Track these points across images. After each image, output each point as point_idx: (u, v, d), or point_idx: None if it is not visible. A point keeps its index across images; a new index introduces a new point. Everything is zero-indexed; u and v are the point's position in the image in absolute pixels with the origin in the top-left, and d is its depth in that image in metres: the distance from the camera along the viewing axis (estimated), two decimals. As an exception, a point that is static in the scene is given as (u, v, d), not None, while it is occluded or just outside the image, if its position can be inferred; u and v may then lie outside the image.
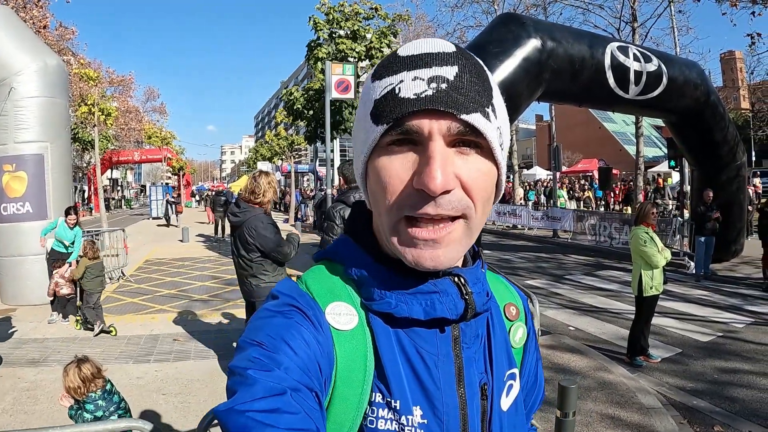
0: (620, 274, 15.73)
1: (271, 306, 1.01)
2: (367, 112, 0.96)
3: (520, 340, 1.23)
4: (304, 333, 0.94)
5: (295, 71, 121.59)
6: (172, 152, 57.40)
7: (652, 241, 7.88)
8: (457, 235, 0.95)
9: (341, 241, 1.14)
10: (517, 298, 1.29)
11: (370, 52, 24.06)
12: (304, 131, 29.02)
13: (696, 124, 16.02)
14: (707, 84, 16.06)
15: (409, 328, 1.02)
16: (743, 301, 12.37)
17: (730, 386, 7.34)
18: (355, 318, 1.01)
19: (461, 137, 0.91)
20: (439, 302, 1.00)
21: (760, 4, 16.39)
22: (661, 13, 25.57)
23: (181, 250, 21.27)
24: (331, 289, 1.05)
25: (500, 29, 12.39)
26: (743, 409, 6.59)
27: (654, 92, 14.00)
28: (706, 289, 13.62)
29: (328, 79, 16.32)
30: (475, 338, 1.09)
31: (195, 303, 11.67)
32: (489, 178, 0.97)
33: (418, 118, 0.90)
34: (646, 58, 13.86)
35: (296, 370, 0.89)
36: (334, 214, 5.97)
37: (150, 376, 7.27)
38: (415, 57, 0.93)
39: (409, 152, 0.92)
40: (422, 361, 1.01)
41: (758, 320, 10.66)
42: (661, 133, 65.94)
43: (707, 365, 8.14)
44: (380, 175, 0.95)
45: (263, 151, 61.21)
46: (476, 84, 0.93)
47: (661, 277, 8.01)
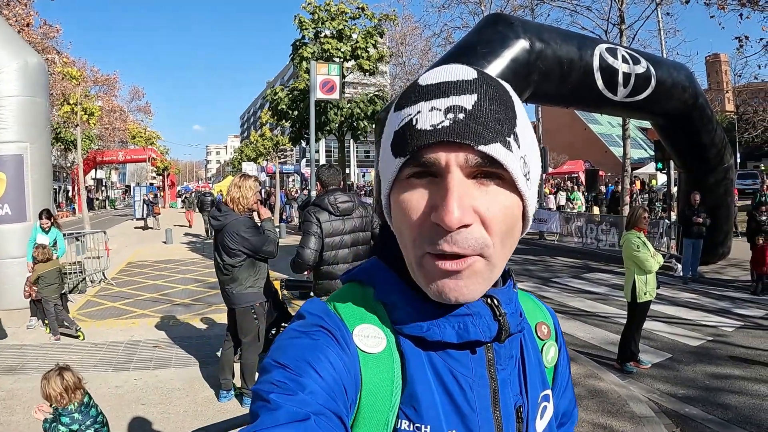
0: (608, 276, 15.74)
1: (298, 326, 0.99)
2: (388, 144, 0.95)
3: (552, 359, 1.21)
4: (330, 355, 0.92)
5: (281, 71, 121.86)
6: (156, 152, 57.35)
7: (645, 245, 7.83)
8: (478, 268, 0.90)
9: (373, 264, 1.11)
10: (548, 316, 1.27)
11: (355, 52, 24.01)
12: (289, 132, 28.97)
13: (684, 126, 16.00)
14: (695, 86, 16.04)
15: (443, 351, 1.00)
16: (732, 304, 12.37)
17: (722, 392, 7.28)
18: (383, 341, 0.99)
19: (481, 169, 0.88)
20: (472, 324, 0.98)
21: (748, 6, 16.42)
22: (649, 15, 25.62)
23: (164, 252, 21.13)
24: (359, 311, 1.03)
25: (488, 30, 12.29)
26: (736, 416, 6.53)
27: (642, 94, 13.95)
28: (694, 292, 13.62)
29: (313, 79, 16.24)
30: (509, 359, 1.07)
31: (177, 307, 11.54)
32: (510, 212, 0.92)
33: (434, 150, 0.87)
34: (634, 60, 13.82)
35: (321, 394, 0.86)
36: (310, 216, 5.91)
37: (129, 385, 7.10)
38: (433, 86, 0.90)
39: (428, 185, 0.90)
40: (457, 384, 0.98)
41: (747, 323, 10.64)
42: (647, 136, 66.51)
43: (698, 370, 8.08)
44: (401, 209, 0.93)
45: (248, 151, 61.06)
46: (497, 112, 0.89)
47: (654, 282, 7.98)
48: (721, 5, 17.02)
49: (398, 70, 42.37)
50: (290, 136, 27.01)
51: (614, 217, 22.90)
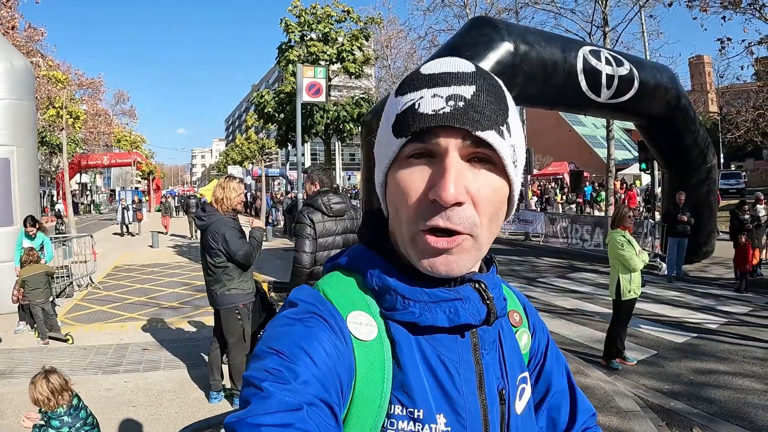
0: (593, 276, 15.84)
1: (290, 314, 1.00)
2: (389, 125, 1.00)
3: (526, 345, 1.25)
4: (324, 342, 0.93)
5: (267, 74, 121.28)
6: (141, 156, 56.97)
7: (630, 244, 7.89)
8: (467, 245, 0.97)
9: (359, 251, 1.13)
10: (519, 305, 1.31)
11: (341, 55, 24.00)
12: (274, 135, 28.92)
13: (667, 127, 16.18)
14: (678, 88, 16.22)
15: (431, 336, 1.03)
16: (716, 301, 12.51)
17: (707, 387, 7.38)
18: (374, 328, 1.01)
19: (475, 152, 0.95)
20: (462, 309, 1.02)
21: (730, 9, 16.60)
22: (632, 17, 25.84)
23: (151, 256, 21.03)
24: (350, 298, 1.05)
25: (473, 33, 12.38)
26: (721, 410, 6.62)
27: (626, 96, 14.08)
28: (678, 290, 13.75)
29: (300, 82, 16.23)
30: (492, 344, 1.10)
31: (165, 310, 11.50)
32: (498, 194, 0.99)
33: (435, 133, 0.93)
34: (617, 62, 13.94)
35: (314, 383, 0.87)
36: (303, 217, 5.97)
37: (119, 388, 7.09)
38: (436, 75, 0.97)
39: (426, 165, 0.96)
40: (445, 369, 1.01)
41: (731, 320, 10.77)
42: (631, 137, 66.83)
43: (683, 366, 8.17)
44: (400, 186, 0.98)
45: (234, 155, 60.85)
46: (492, 103, 0.96)
47: (639, 280, 8.04)
48: (703, 8, 17.21)
49: (383, 72, 42.35)
50: (276, 139, 26.94)
51: (599, 217, 23.03)
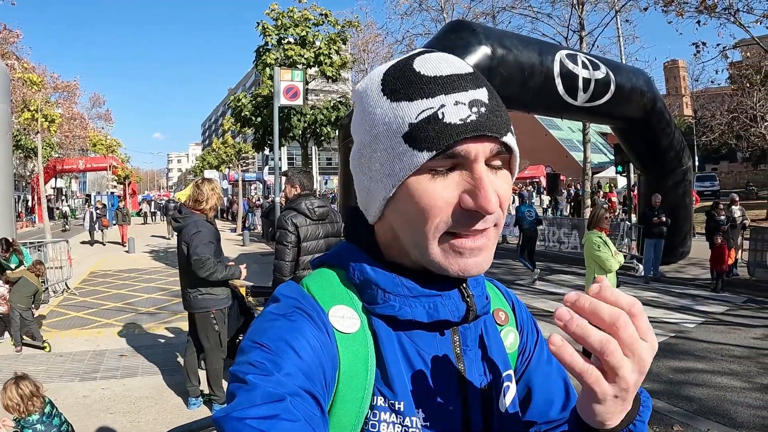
0: (571, 278, 15.98)
1: (274, 309, 1.01)
2: (396, 133, 0.96)
3: (512, 345, 1.23)
4: (308, 335, 0.94)
5: (243, 78, 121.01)
6: (117, 160, 56.45)
7: (606, 245, 7.97)
8: (492, 240, 0.99)
9: (344, 246, 1.14)
10: (506, 303, 1.31)
11: (318, 59, 23.91)
12: (251, 139, 28.81)
13: (643, 130, 16.32)
14: (654, 91, 16.40)
15: (411, 332, 1.04)
16: (693, 301, 12.68)
17: (686, 385, 7.46)
18: (357, 321, 1.02)
19: (495, 156, 0.96)
20: (441, 305, 1.03)
21: (705, 13, 16.82)
22: (608, 22, 26.13)
23: (127, 262, 20.92)
24: (333, 293, 1.06)
25: (450, 36, 12.43)
26: (701, 408, 6.70)
27: (602, 99, 14.16)
28: (656, 291, 13.88)
29: (277, 85, 16.13)
30: (474, 341, 1.11)
31: (142, 316, 11.44)
32: (510, 188, 1.01)
33: (466, 143, 0.92)
34: (594, 66, 14.03)
35: (299, 375, 0.88)
36: (286, 222, 5.93)
37: (97, 395, 7.03)
38: (446, 79, 0.95)
39: (450, 173, 0.94)
40: (425, 364, 1.02)
41: (708, 320, 10.93)
42: (607, 140, 67.42)
43: (662, 365, 8.23)
44: (422, 197, 0.95)
45: (210, 159, 60.42)
46: (502, 105, 0.98)
47: (614, 281, 8.16)
48: (679, 12, 17.42)
49: (360, 76, 42.41)
50: (253, 143, 26.82)
51: (576, 219, 23.18)
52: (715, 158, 63.32)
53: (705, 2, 16.53)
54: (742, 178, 51.56)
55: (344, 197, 12.75)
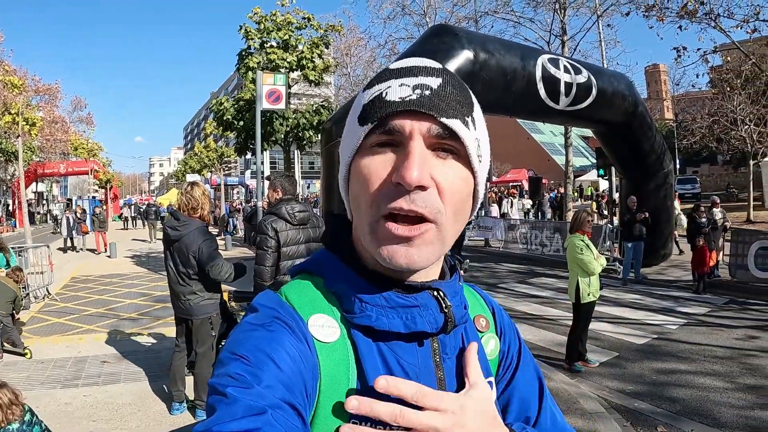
0: (553, 281, 16.01)
1: (252, 319, 1.00)
2: (355, 117, 1.01)
3: (492, 351, 1.22)
4: (287, 346, 0.94)
5: (226, 81, 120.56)
6: (99, 164, 56.03)
7: (588, 248, 8.02)
8: (430, 237, 0.96)
9: (322, 254, 1.14)
10: (487, 309, 1.29)
11: (301, 62, 23.92)
12: (234, 143, 28.73)
13: (624, 134, 16.47)
14: (635, 95, 16.56)
15: (390, 341, 1.03)
16: (675, 303, 12.82)
17: (669, 386, 7.53)
18: (337, 330, 1.01)
19: (440, 141, 0.95)
20: (419, 316, 1.02)
21: (686, 18, 16.95)
22: (590, 27, 26.30)
23: (108, 267, 20.71)
24: (312, 302, 1.05)
25: (433, 40, 12.46)
26: (684, 409, 6.77)
27: (584, 103, 14.25)
28: (638, 293, 14.03)
29: (259, 89, 16.09)
30: (454, 349, 1.10)
31: (124, 322, 11.28)
32: (464, 185, 1.00)
33: (401, 119, 0.94)
34: (576, 70, 14.12)
35: (279, 387, 0.88)
36: (266, 227, 5.89)
37: (79, 402, 6.92)
38: (404, 68, 0.99)
39: (390, 152, 0.96)
40: (404, 374, 1.01)
41: (690, 321, 11.05)
42: (589, 144, 67.82)
43: (645, 367, 8.32)
44: (362, 173, 0.98)
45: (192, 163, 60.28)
46: (458, 96, 0.98)
47: (597, 283, 8.18)
48: (660, 17, 17.52)
49: (343, 80, 42.34)
50: (235, 147, 26.76)
51: (559, 222, 23.30)
52: (696, 161, 63.87)
53: (686, 7, 16.64)
54: (722, 181, 52.17)
55: (326, 201, 12.69)
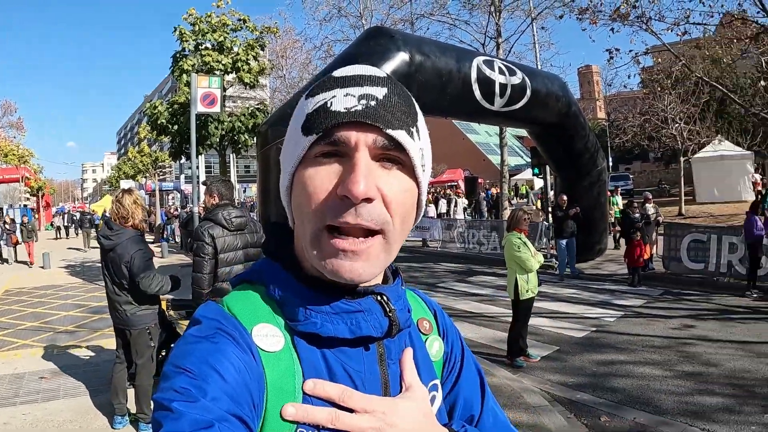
0: (492, 279, 16.22)
1: (195, 332, 0.98)
2: (298, 125, 1.00)
3: (437, 353, 1.23)
4: (232, 357, 0.92)
5: (160, 84, 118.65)
6: (30, 171, 54.55)
7: (525, 246, 8.17)
8: (376, 250, 0.97)
9: (262, 262, 1.13)
10: (429, 312, 1.30)
11: (236, 65, 23.67)
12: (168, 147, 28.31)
13: (558, 133, 16.86)
14: (568, 96, 16.99)
15: (335, 348, 1.02)
16: (611, 296, 13.22)
17: (610, 377, 7.73)
18: (281, 339, 1.00)
19: (385, 152, 0.95)
20: (363, 321, 1.02)
21: (619, 21, 17.37)
22: (525, 29, 26.85)
23: (42, 278, 20.13)
24: (254, 311, 1.03)
25: (369, 42, 12.50)
26: (625, 398, 6.96)
27: (518, 104, 14.49)
28: (575, 288, 14.40)
29: (194, 92, 15.88)
30: (398, 353, 1.10)
31: (61, 335, 10.93)
32: (409, 195, 1.00)
33: (346, 130, 0.93)
34: (510, 72, 14.34)
35: (225, 399, 0.87)
36: (202, 233, 5.77)
37: (18, 421, 6.67)
38: (348, 77, 0.98)
39: (335, 164, 0.95)
40: (350, 380, 1.01)
41: (627, 313, 11.40)
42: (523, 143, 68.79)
43: (585, 359, 8.53)
44: (306, 185, 0.97)
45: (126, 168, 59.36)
46: (403, 106, 0.98)
47: (535, 279, 8.34)
48: (593, 20, 17.92)
49: (278, 83, 41.92)
50: (170, 152, 26.31)
51: (495, 221, 23.58)
52: (628, 159, 65.40)
53: (618, 11, 17.09)
54: (654, 177, 53.49)
55: (263, 206, 12.54)
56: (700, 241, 14.89)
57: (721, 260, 14.41)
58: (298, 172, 0.99)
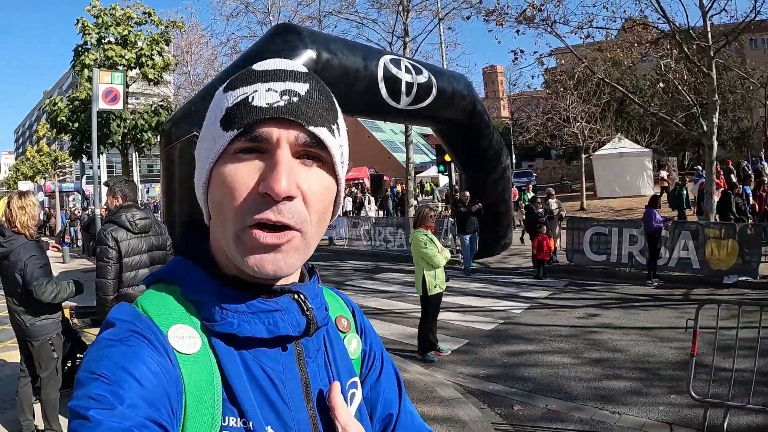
0: (399, 275, 16.34)
1: (109, 335, 0.93)
2: (216, 120, 0.97)
3: (356, 350, 1.23)
4: (148, 361, 0.88)
5: (60, 79, 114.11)
6: None
7: (432, 242, 8.28)
8: (296, 243, 0.96)
9: (177, 261, 1.09)
10: (347, 310, 1.30)
11: (140, 60, 23.12)
12: (68, 146, 27.40)
13: (464, 131, 17.20)
14: (474, 95, 17.44)
15: (253, 348, 1.01)
16: (518, 288, 13.59)
17: (521, 367, 7.95)
18: (198, 341, 0.97)
19: (306, 149, 0.95)
20: (281, 320, 1.00)
21: (524, 23, 17.81)
22: (432, 29, 27.14)
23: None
24: (170, 312, 0.99)
25: (276, 39, 12.42)
26: (537, 387, 7.18)
27: (424, 102, 14.68)
28: (482, 282, 14.71)
29: (96, 88, 15.36)
30: (317, 351, 1.10)
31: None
32: (328, 193, 1.01)
33: (268, 126, 0.92)
34: (417, 71, 14.51)
35: (143, 405, 0.83)
36: (106, 237, 5.51)
37: None
38: (270, 72, 0.97)
39: (256, 160, 0.94)
40: (269, 380, 1.00)
41: (534, 305, 11.75)
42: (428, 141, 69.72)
43: (495, 351, 8.72)
44: (226, 182, 0.95)
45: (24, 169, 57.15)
46: (324, 102, 0.98)
47: (443, 275, 8.48)
48: (499, 22, 18.35)
49: (183, 79, 41.08)
50: (70, 151, 25.49)
51: (401, 218, 23.80)
52: (531, 156, 67.28)
53: (524, 13, 17.58)
54: (556, 174, 55.33)
55: (168, 206, 12.17)
56: (602, 234, 15.58)
57: (622, 251, 15.13)
58: (217, 168, 0.97)
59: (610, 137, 34.83)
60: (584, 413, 6.36)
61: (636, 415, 6.29)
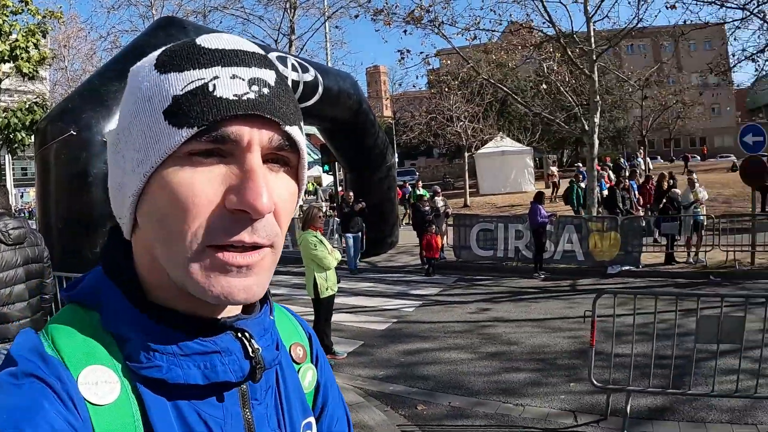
0: (287, 277, 16.09)
1: (7, 376, 0.74)
2: (156, 110, 0.76)
3: (310, 383, 1.07)
4: (50, 415, 0.70)
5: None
6: None
7: (322, 243, 8.24)
8: (267, 262, 0.81)
9: (98, 280, 0.88)
10: (303, 336, 1.13)
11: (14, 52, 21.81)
12: (-67, 148, 25.89)
13: (350, 130, 17.25)
14: (359, 93, 17.55)
15: (186, 394, 0.82)
16: (408, 286, 13.73)
17: (419, 366, 7.98)
18: (117, 386, 0.78)
19: (277, 152, 0.79)
20: (220, 363, 0.83)
21: (412, 24, 18.02)
22: (318, 27, 27.15)
23: None
24: (86, 348, 0.80)
25: (159, 33, 12.03)
26: (437, 384, 7.22)
27: (311, 101, 14.59)
28: (371, 281, 14.75)
29: (-36, 84, 14.59)
30: (265, 392, 0.92)
31: None
32: (293, 200, 0.85)
33: (237, 124, 0.74)
34: (303, 69, 14.43)
35: None
36: None
37: None
38: (229, 52, 0.78)
39: (217, 165, 0.76)
40: (206, 427, 0.82)
41: (425, 302, 11.87)
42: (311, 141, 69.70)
43: (391, 351, 8.73)
44: (178, 193, 0.75)
45: None
46: (291, 94, 0.83)
47: (334, 277, 8.44)
48: (387, 21, 18.50)
49: (59, 75, 39.20)
50: (-65, 153, 24.09)
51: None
52: (414, 155, 68.41)
53: (412, 14, 17.76)
54: (439, 172, 56.63)
55: (43, 213, 11.21)
56: (488, 230, 16.05)
57: (508, 246, 15.64)
58: (162, 174, 0.76)
59: (492, 136, 36.09)
60: (488, 408, 6.46)
61: (539, 406, 6.45)
